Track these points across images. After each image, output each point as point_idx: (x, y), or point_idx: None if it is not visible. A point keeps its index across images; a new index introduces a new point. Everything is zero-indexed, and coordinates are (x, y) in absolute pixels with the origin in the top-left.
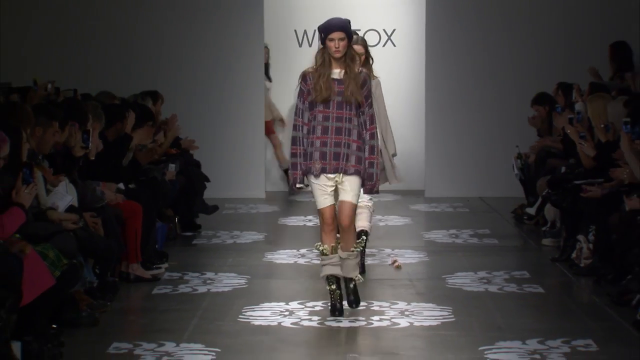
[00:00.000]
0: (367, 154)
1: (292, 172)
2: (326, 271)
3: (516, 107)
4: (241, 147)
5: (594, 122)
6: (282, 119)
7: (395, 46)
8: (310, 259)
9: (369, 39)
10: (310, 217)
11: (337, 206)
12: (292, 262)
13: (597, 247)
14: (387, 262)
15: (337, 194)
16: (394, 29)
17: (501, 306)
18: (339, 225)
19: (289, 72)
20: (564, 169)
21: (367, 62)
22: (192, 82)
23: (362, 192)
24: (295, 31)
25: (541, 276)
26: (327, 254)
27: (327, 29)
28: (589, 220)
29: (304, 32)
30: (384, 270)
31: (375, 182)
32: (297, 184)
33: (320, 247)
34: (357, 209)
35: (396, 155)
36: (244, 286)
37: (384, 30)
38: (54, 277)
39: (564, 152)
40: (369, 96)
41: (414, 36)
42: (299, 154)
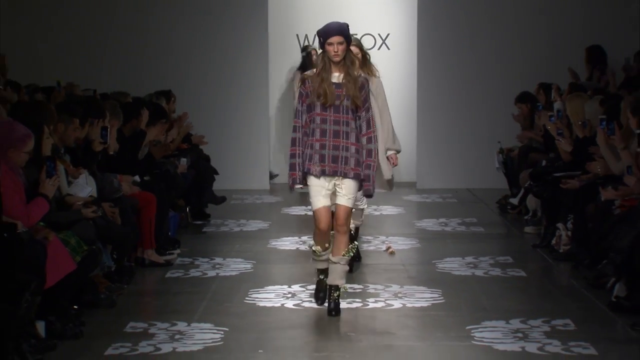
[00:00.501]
0: (365, 157)
1: (291, 173)
2: (316, 266)
3: (501, 105)
4: (247, 143)
5: (573, 119)
6: None
7: (389, 49)
8: (311, 246)
9: (365, 43)
10: (310, 206)
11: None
12: (294, 248)
13: (575, 234)
14: (381, 248)
15: (332, 197)
16: (388, 34)
17: (486, 289)
18: (334, 228)
19: (290, 74)
20: (544, 163)
21: (365, 60)
22: (202, 82)
23: (359, 194)
24: (297, 35)
25: (523, 261)
26: (318, 253)
27: (326, 33)
28: (568, 209)
29: (305, 36)
30: (378, 255)
31: (371, 183)
32: (296, 185)
33: (313, 248)
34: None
35: (400, 151)
36: (249, 270)
37: (378, 34)
38: (75, 262)
39: (545, 147)
40: (366, 100)
41: (406, 40)
42: (297, 155)
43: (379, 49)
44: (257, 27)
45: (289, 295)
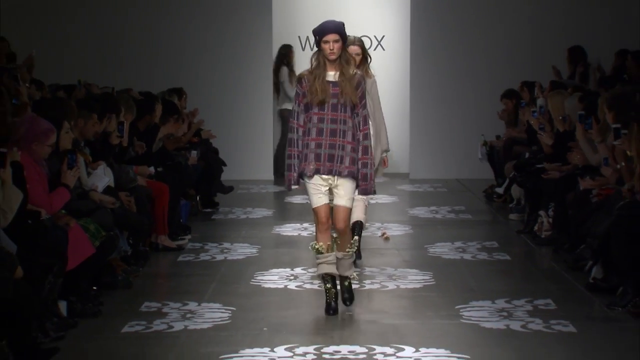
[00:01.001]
0: (361, 155)
1: (288, 174)
2: (322, 270)
3: (487, 102)
4: (253, 137)
5: (554, 115)
6: None
7: (384, 50)
8: (312, 232)
9: None
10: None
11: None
12: (297, 234)
13: (555, 221)
14: (377, 234)
15: (331, 194)
16: (383, 35)
17: (474, 271)
18: (334, 229)
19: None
20: (527, 155)
21: (365, 61)
22: (212, 81)
23: (357, 194)
24: (299, 37)
25: (508, 246)
26: (322, 252)
27: (322, 31)
28: (549, 198)
29: (306, 37)
30: (374, 241)
31: (369, 182)
32: (292, 185)
33: (315, 246)
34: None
35: (389, 151)
36: (255, 255)
37: (374, 36)
38: (94, 247)
39: (528, 141)
40: (363, 97)
41: (400, 41)
42: (294, 156)
43: (375, 49)
44: (262, 30)
45: (292, 277)
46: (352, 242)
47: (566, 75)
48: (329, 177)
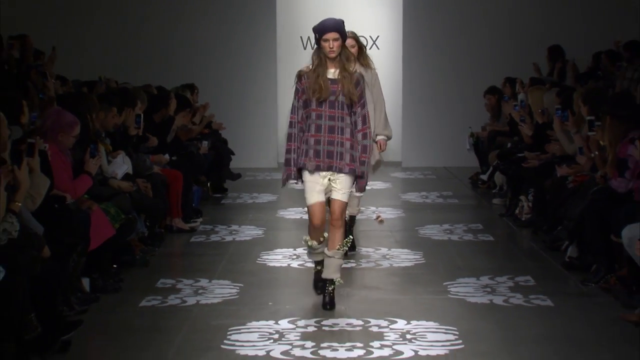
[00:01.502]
0: (360, 153)
1: (286, 168)
2: (314, 258)
3: (473, 96)
4: (259, 129)
5: (533, 108)
6: None
7: (379, 49)
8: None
9: None
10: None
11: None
12: (299, 217)
13: (534, 205)
14: (372, 217)
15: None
16: (378, 35)
17: (460, 251)
18: (329, 222)
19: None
20: (509, 145)
21: (362, 51)
22: (221, 77)
23: (354, 190)
24: (300, 37)
25: (492, 228)
26: (313, 247)
27: (322, 29)
28: (529, 184)
29: (307, 37)
30: (369, 223)
31: (365, 179)
32: (290, 180)
33: (309, 242)
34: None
35: (391, 137)
36: (261, 236)
37: (370, 36)
38: (114, 228)
39: (510, 132)
40: (362, 96)
41: (393, 41)
42: (292, 151)
43: (370, 48)
44: (267, 31)
45: (294, 257)
46: (344, 241)
47: (546, 72)
48: (327, 173)
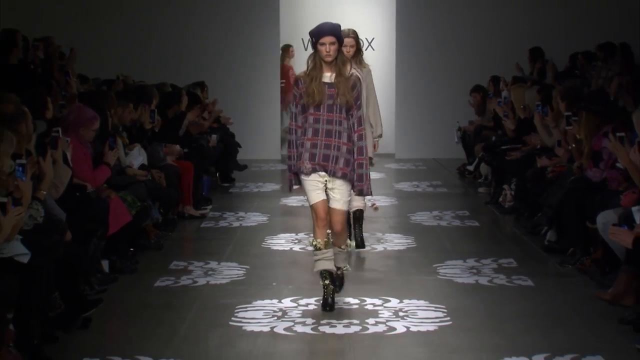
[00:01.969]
0: (356, 155)
1: (289, 175)
2: (320, 266)
3: (461, 94)
4: (264, 123)
5: (516, 104)
6: None
7: (374, 50)
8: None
9: None
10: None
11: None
12: (301, 205)
13: (517, 193)
14: (368, 205)
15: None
16: (373, 37)
17: (449, 235)
18: (331, 229)
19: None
20: (494, 138)
21: (358, 52)
22: (229, 75)
23: (353, 194)
24: (302, 39)
25: (477, 214)
26: (320, 249)
27: (318, 33)
28: (511, 174)
29: (308, 40)
30: (366, 211)
31: (365, 182)
32: (294, 186)
33: (314, 242)
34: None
35: (382, 137)
36: (266, 222)
37: (365, 38)
38: (131, 215)
39: (494, 126)
40: (358, 99)
41: (387, 43)
42: (293, 157)
43: (366, 49)
44: (271, 35)
45: (296, 241)
46: (347, 243)
47: (528, 71)
48: (324, 174)
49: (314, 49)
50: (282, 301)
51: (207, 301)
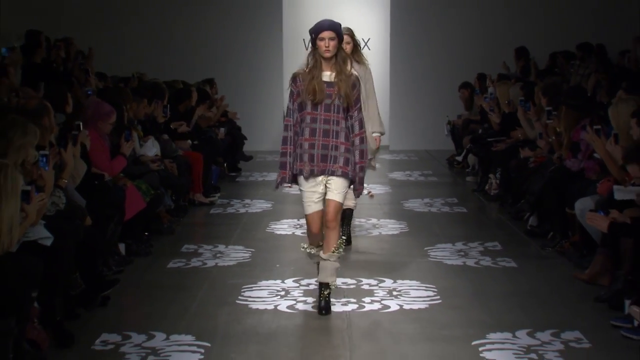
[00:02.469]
0: (358, 159)
1: (281, 172)
2: (315, 260)
3: (450, 90)
4: (268, 117)
5: (500, 100)
6: None
7: (369, 49)
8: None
9: None
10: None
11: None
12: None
13: (501, 182)
14: (364, 193)
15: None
16: (369, 38)
17: (439, 221)
18: (324, 223)
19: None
20: (480, 131)
21: (356, 49)
22: (236, 73)
23: (354, 196)
24: (303, 40)
25: (465, 201)
26: (313, 253)
27: (318, 29)
28: (497, 164)
29: (309, 40)
30: (362, 198)
31: (361, 186)
32: (284, 184)
33: (307, 249)
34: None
35: (384, 133)
36: (270, 209)
37: (362, 38)
38: (145, 202)
39: (481, 120)
40: (358, 100)
41: (382, 43)
42: (288, 154)
43: (363, 49)
44: (274, 36)
45: (298, 226)
46: (339, 243)
47: (514, 69)
48: (323, 177)
49: (313, 46)
50: (285, 281)
51: (215, 281)
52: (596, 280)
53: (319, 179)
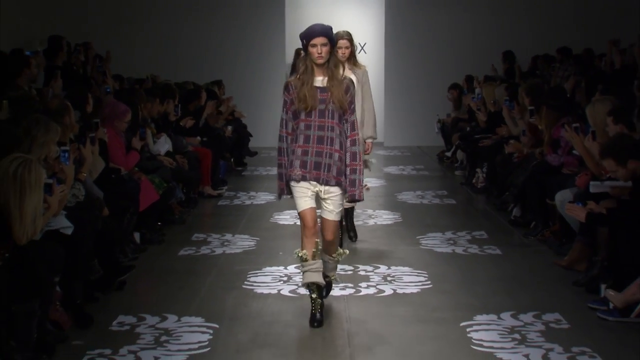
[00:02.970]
0: (349, 161)
1: (279, 183)
2: (308, 279)
3: (441, 90)
4: (272, 116)
5: (487, 100)
6: None
7: (365, 53)
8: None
9: None
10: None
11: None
12: None
13: (488, 175)
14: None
15: (318, 203)
16: (365, 42)
17: (430, 212)
18: (322, 237)
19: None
20: (468, 129)
21: (353, 55)
22: (243, 75)
23: (345, 200)
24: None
25: (454, 193)
26: (307, 260)
27: (309, 35)
28: (483, 159)
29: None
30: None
31: (358, 188)
32: (283, 195)
33: (299, 254)
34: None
35: (376, 138)
36: (273, 201)
37: (358, 43)
38: (158, 194)
39: (469, 119)
40: (352, 102)
41: (377, 47)
42: (284, 165)
43: (359, 52)
44: (278, 42)
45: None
46: (338, 252)
47: (502, 72)
48: (315, 184)
49: (305, 52)
50: (288, 268)
51: (223, 268)
52: (574, 266)
53: (313, 182)
